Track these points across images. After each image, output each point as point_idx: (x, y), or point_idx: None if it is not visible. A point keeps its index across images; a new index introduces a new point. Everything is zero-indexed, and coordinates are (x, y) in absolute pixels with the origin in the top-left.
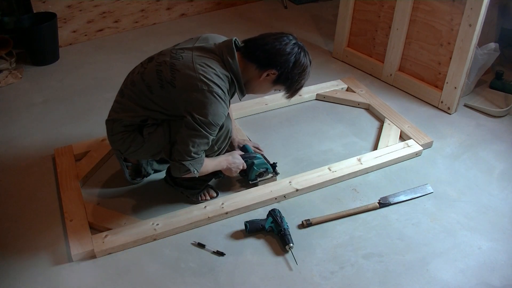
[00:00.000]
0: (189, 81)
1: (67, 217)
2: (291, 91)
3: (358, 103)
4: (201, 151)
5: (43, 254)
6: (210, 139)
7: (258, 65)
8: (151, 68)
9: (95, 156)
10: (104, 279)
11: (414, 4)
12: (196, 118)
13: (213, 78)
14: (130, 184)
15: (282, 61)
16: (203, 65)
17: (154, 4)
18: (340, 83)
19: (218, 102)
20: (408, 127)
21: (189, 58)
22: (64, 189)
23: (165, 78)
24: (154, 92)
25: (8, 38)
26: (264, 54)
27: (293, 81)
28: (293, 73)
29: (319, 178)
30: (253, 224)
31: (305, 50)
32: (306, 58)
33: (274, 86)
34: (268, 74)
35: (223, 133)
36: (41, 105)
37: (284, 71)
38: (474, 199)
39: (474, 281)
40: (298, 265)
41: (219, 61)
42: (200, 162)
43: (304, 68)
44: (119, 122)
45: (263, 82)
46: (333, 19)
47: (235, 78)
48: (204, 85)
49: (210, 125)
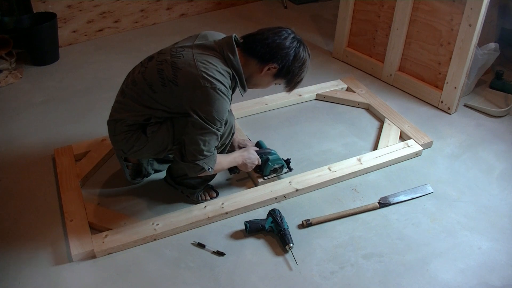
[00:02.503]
0: (192, 78)
1: (67, 217)
2: (291, 84)
3: (358, 103)
4: (212, 148)
5: (43, 254)
6: (218, 134)
7: (259, 60)
8: (152, 67)
9: (95, 156)
10: (104, 279)
11: (414, 4)
12: (202, 116)
13: (215, 75)
14: (130, 184)
15: (283, 55)
16: (204, 62)
17: (154, 4)
18: (340, 83)
19: (222, 98)
20: (408, 127)
21: (190, 56)
22: (64, 189)
23: (167, 77)
24: (157, 91)
25: (8, 38)
26: (264, 48)
27: (294, 75)
28: (294, 66)
29: (319, 178)
30: (253, 224)
31: (304, 43)
32: (305, 51)
33: (275, 80)
34: (269, 68)
35: (227, 129)
36: (41, 105)
37: (285, 64)
38: (474, 199)
39: (474, 281)
40: (298, 265)
41: (220, 58)
42: (214, 159)
43: (304, 61)
44: (122, 122)
45: (264, 76)
46: (333, 19)
47: (237, 74)
48: (206, 82)
49: (216, 121)
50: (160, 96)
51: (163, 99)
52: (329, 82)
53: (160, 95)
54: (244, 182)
